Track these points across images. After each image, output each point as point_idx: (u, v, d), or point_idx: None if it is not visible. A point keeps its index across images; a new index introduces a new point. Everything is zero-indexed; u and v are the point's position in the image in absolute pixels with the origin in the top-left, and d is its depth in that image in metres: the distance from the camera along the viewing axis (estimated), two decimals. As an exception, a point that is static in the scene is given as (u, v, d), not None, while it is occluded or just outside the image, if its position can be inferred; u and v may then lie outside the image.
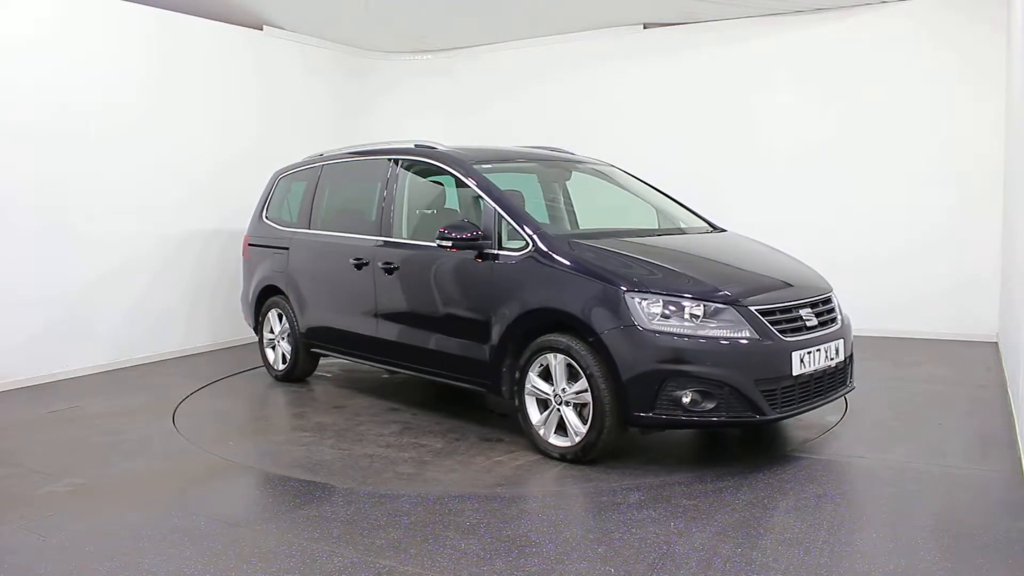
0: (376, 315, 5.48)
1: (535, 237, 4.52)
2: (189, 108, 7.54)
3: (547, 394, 4.37)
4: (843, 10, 7.65)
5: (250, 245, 6.77)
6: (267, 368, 6.67)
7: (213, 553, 3.28)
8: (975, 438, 4.61)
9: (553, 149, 6.04)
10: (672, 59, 8.49)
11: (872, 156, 7.64)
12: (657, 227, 5.36)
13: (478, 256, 4.70)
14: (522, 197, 5.29)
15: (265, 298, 6.58)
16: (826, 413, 5.07)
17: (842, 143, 7.76)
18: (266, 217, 6.68)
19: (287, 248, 6.30)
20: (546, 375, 4.37)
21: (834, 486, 3.92)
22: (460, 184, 5.17)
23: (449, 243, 4.71)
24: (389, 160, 5.61)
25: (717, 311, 4.04)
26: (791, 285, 4.44)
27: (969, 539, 3.25)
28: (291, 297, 6.25)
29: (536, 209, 5.20)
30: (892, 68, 7.51)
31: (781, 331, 4.11)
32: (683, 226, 5.37)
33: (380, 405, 5.72)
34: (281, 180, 6.72)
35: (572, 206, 5.75)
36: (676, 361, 3.95)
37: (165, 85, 7.33)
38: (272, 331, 6.55)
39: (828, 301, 4.58)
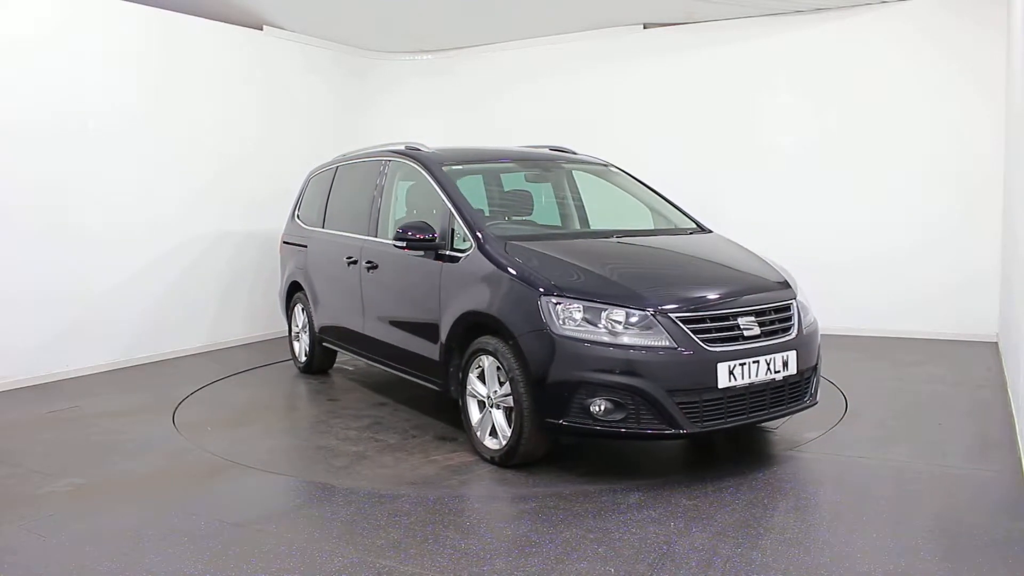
0: (363, 312, 5.64)
1: (476, 238, 4.52)
2: (189, 108, 7.53)
3: (483, 396, 4.37)
4: (843, 10, 7.64)
5: (284, 243, 7.05)
6: (293, 360, 6.91)
7: (213, 553, 3.28)
8: (975, 438, 4.61)
9: (558, 149, 6.05)
10: (672, 59, 8.49)
11: (872, 156, 7.63)
12: (625, 227, 5.25)
13: (437, 256, 4.74)
14: (531, 198, 5.36)
15: (293, 293, 6.84)
16: (826, 413, 5.08)
17: (842, 143, 7.76)
18: (297, 216, 6.90)
19: (306, 246, 6.56)
20: (483, 377, 4.37)
21: (834, 486, 3.92)
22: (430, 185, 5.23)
23: (403, 243, 4.77)
24: (382, 161, 5.75)
25: (635, 318, 3.88)
26: (738, 292, 4.17)
27: (969, 539, 3.25)
28: (308, 293, 6.48)
29: (504, 210, 5.29)
30: (892, 68, 7.51)
31: (708, 340, 3.89)
32: (660, 227, 5.29)
33: (372, 399, 5.83)
34: (312, 180, 6.89)
35: (575, 203, 5.75)
36: (585, 368, 3.82)
37: (165, 85, 7.32)
38: (297, 324, 6.80)
39: (785, 309, 4.26)
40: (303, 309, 6.62)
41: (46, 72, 6.42)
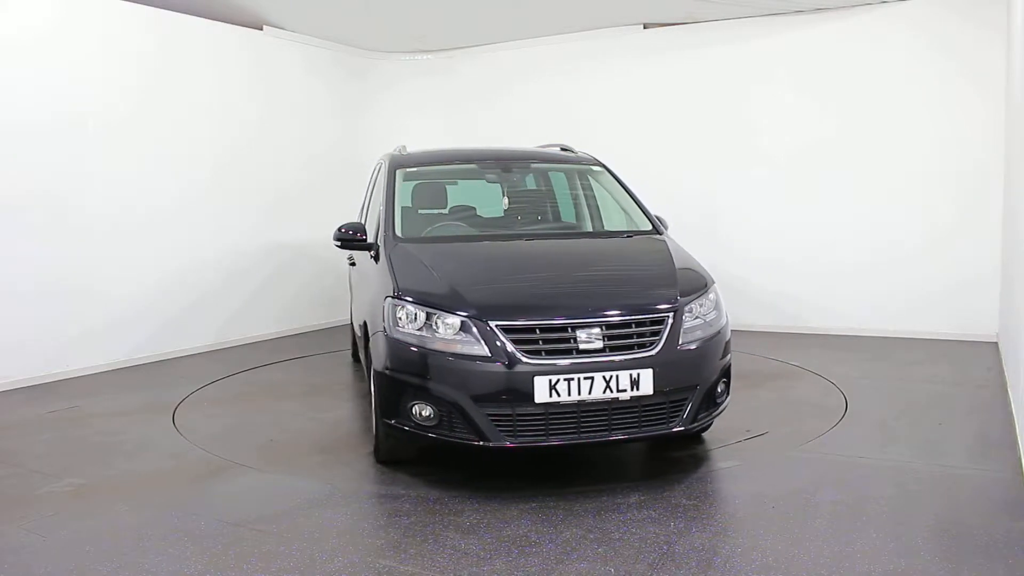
0: (355, 307, 5.96)
1: (384, 239, 4.61)
2: (189, 108, 7.53)
3: None
4: (843, 10, 7.64)
5: None
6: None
7: (213, 553, 3.28)
8: (975, 438, 4.61)
9: (563, 148, 6.04)
10: (672, 59, 8.49)
11: (872, 156, 7.63)
12: (552, 229, 5.27)
13: (372, 257, 4.80)
14: (546, 198, 5.52)
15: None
16: (826, 413, 5.08)
17: (842, 143, 7.76)
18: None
19: None
20: None
21: (834, 486, 3.92)
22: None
23: (338, 242, 4.90)
24: (380, 163, 5.85)
25: (457, 325, 3.84)
26: (586, 304, 3.91)
27: (969, 539, 3.25)
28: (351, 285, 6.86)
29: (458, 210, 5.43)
30: (892, 68, 7.51)
31: (529, 352, 3.73)
32: (592, 228, 5.30)
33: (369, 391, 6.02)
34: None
35: (559, 202, 5.72)
36: (405, 371, 3.90)
37: (165, 85, 7.33)
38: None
39: (655, 323, 3.91)
40: None
41: (46, 71, 6.42)
